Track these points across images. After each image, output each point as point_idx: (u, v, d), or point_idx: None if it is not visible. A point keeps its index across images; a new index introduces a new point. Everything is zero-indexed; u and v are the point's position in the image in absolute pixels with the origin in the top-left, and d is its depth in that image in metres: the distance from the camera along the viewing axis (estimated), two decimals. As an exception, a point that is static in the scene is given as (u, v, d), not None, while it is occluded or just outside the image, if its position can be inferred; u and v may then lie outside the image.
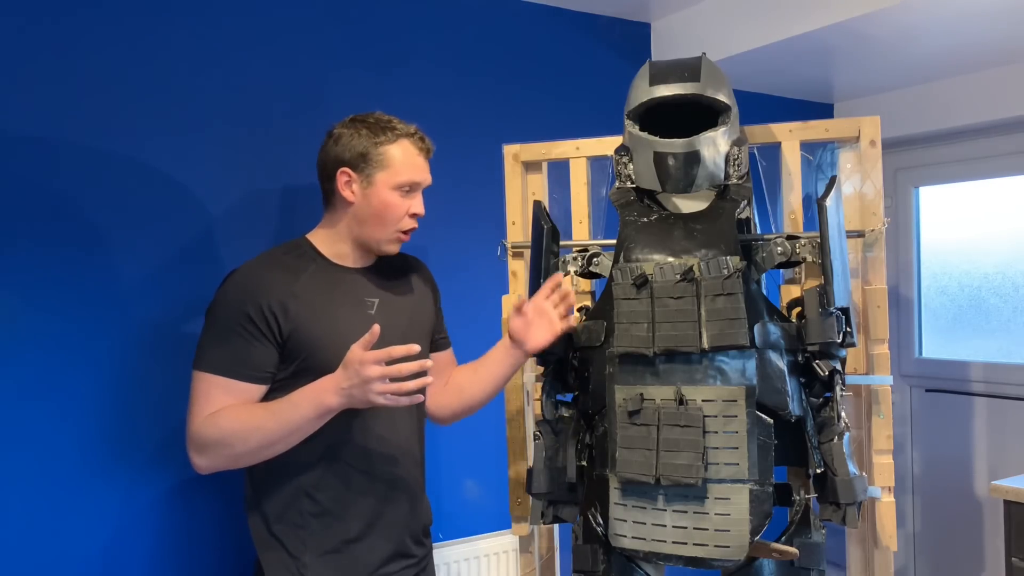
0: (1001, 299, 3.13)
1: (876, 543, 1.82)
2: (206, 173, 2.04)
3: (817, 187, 1.91)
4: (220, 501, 2.03)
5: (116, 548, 1.91)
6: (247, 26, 2.11)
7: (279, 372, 1.55)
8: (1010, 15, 2.31)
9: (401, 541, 1.65)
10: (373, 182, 1.60)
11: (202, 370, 1.52)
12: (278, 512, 1.58)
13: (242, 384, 1.52)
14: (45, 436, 1.84)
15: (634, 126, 1.68)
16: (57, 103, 1.86)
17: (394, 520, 1.64)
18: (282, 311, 1.53)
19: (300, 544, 1.56)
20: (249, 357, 1.52)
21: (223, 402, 1.51)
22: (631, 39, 2.80)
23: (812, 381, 1.67)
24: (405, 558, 1.66)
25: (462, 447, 2.26)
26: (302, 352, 1.54)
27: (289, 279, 1.57)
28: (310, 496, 1.57)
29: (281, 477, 1.57)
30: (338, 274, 1.64)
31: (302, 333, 1.54)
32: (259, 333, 1.52)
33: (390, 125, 1.63)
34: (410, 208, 1.64)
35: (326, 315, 1.57)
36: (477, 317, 1.95)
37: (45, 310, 1.84)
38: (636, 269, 1.64)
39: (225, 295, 1.56)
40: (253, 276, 1.57)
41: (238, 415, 1.49)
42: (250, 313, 1.51)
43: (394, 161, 1.60)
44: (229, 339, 1.52)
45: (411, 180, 1.62)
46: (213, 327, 1.55)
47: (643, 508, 1.61)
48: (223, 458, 1.51)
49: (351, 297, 1.63)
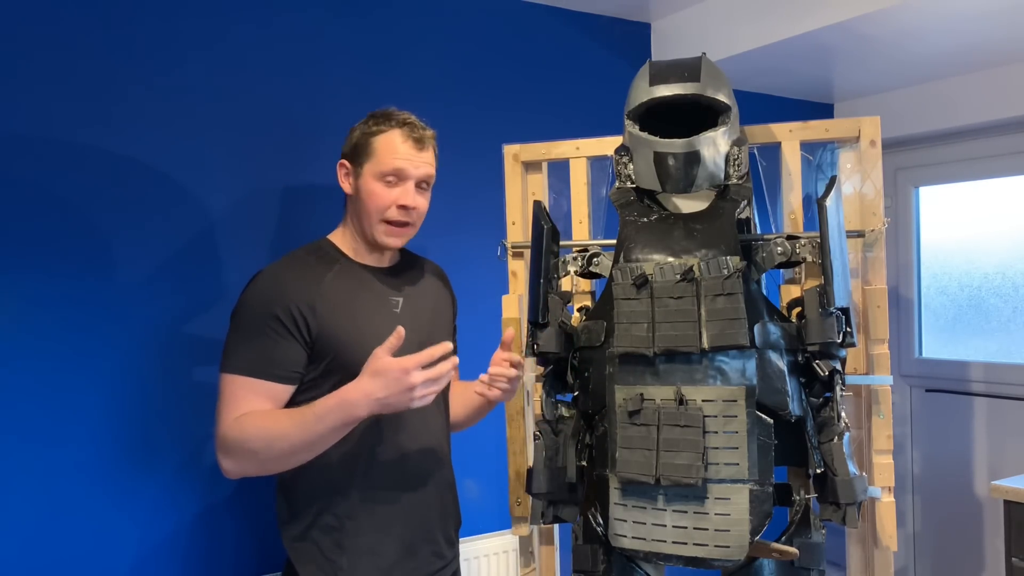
0: (1001, 299, 3.13)
1: (876, 543, 1.82)
2: (211, 174, 2.04)
3: (817, 187, 1.91)
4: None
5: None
6: (248, 27, 2.11)
7: (308, 372, 1.54)
8: (1010, 15, 2.31)
9: (435, 540, 1.64)
10: (362, 172, 1.60)
11: (229, 372, 1.51)
12: (312, 516, 1.56)
13: (269, 384, 1.50)
14: (56, 437, 1.84)
15: (634, 126, 1.68)
16: (59, 103, 1.87)
17: (428, 520, 1.63)
18: (310, 311, 1.52)
19: (335, 546, 1.55)
20: (276, 357, 1.51)
21: (251, 403, 1.49)
22: (631, 39, 2.81)
23: (812, 381, 1.67)
24: (438, 558, 1.65)
25: (462, 447, 2.25)
26: (330, 352, 1.53)
27: (315, 279, 1.56)
28: (344, 498, 1.55)
29: (313, 481, 1.56)
30: (362, 273, 1.64)
31: (330, 333, 1.53)
32: (287, 332, 1.51)
33: (387, 116, 1.62)
34: (397, 199, 1.59)
35: (353, 314, 1.57)
36: (477, 317, 1.95)
37: (54, 311, 1.85)
38: (636, 269, 1.63)
39: (251, 297, 1.55)
40: (279, 278, 1.56)
41: (263, 422, 1.46)
42: (278, 313, 1.50)
43: (378, 150, 1.59)
44: (256, 340, 1.51)
45: (393, 168, 1.59)
46: (239, 329, 1.54)
47: (643, 508, 1.61)
48: (250, 463, 1.49)
49: (376, 296, 1.62)
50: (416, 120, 1.63)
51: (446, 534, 1.68)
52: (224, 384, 1.51)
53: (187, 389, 1.97)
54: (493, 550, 2.44)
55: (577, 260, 1.83)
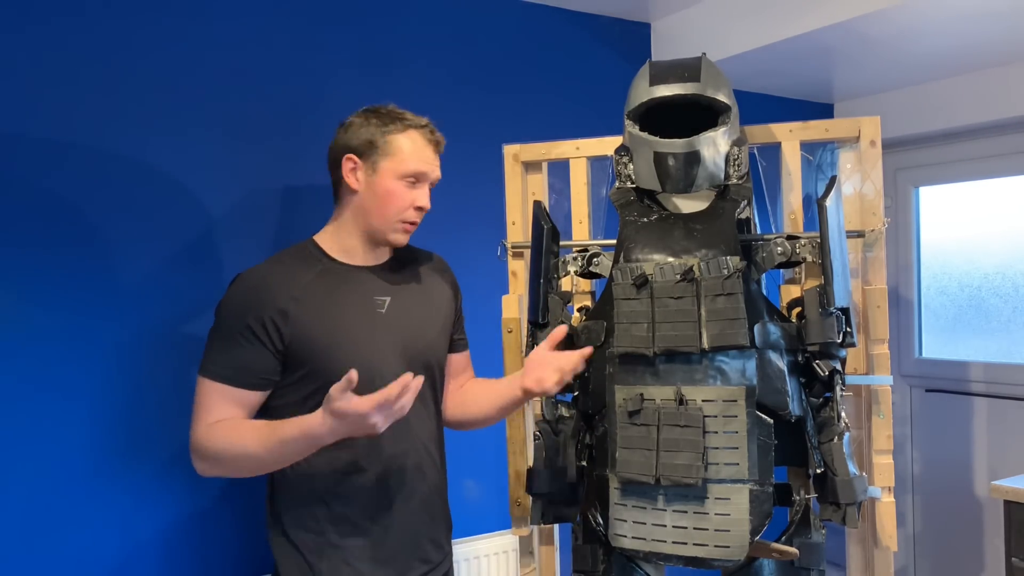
0: (1001, 299, 3.13)
1: (876, 543, 1.82)
2: (208, 173, 2.04)
3: (817, 187, 1.91)
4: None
5: (126, 554, 1.92)
6: (248, 27, 2.11)
7: (284, 378, 1.55)
8: (1010, 15, 2.31)
9: (420, 546, 1.63)
10: (378, 170, 1.59)
11: (204, 375, 1.53)
12: (295, 517, 1.57)
13: (240, 392, 1.52)
14: (50, 436, 1.84)
15: (634, 126, 1.68)
16: (58, 103, 1.86)
17: (413, 525, 1.62)
18: (282, 318, 1.52)
19: (317, 551, 1.55)
20: (248, 364, 1.52)
21: (222, 408, 1.51)
22: (631, 39, 2.80)
23: (812, 381, 1.67)
24: (424, 563, 1.64)
25: (462, 447, 2.25)
26: (305, 357, 1.53)
27: (291, 282, 1.56)
28: (327, 503, 1.56)
29: (300, 483, 1.56)
30: (346, 274, 1.62)
31: (304, 337, 1.53)
32: (257, 342, 1.51)
33: (401, 116, 1.62)
34: (415, 200, 1.61)
35: (330, 317, 1.56)
36: (477, 317, 1.95)
37: (49, 311, 1.85)
38: (636, 269, 1.64)
39: (229, 301, 1.56)
40: (255, 283, 1.56)
41: (230, 436, 1.48)
42: (249, 323, 1.51)
43: (401, 150, 1.59)
44: (229, 346, 1.52)
45: (417, 170, 1.59)
46: (216, 331, 1.55)
47: (643, 508, 1.61)
48: (220, 471, 1.53)
49: (359, 297, 1.61)
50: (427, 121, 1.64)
51: (434, 539, 1.66)
52: (199, 386, 1.54)
53: (178, 388, 1.95)
54: (493, 550, 2.44)
55: (577, 260, 1.83)
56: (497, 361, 2.04)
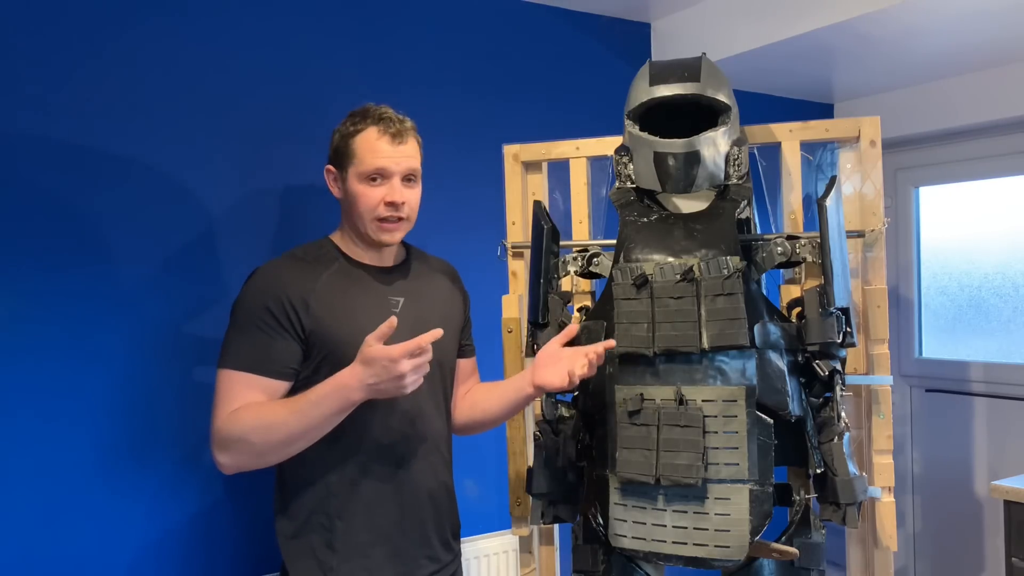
0: (1001, 299, 3.13)
1: (876, 543, 1.82)
2: (212, 172, 2.04)
3: (817, 187, 1.91)
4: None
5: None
6: (249, 28, 2.11)
7: (302, 369, 1.54)
8: (1010, 15, 2.31)
9: (429, 544, 1.63)
10: (347, 176, 1.60)
11: (225, 367, 1.51)
12: (305, 514, 1.56)
13: (265, 380, 1.50)
14: (55, 438, 1.84)
15: (634, 126, 1.68)
16: (60, 103, 1.87)
17: (422, 523, 1.62)
18: (303, 306, 1.52)
19: (326, 547, 1.55)
20: (272, 352, 1.51)
21: (247, 398, 1.49)
22: (631, 39, 2.80)
23: (812, 381, 1.67)
24: (432, 562, 1.64)
25: (462, 447, 2.25)
26: (324, 350, 1.53)
27: (310, 277, 1.57)
28: (336, 498, 1.55)
29: (308, 479, 1.56)
30: (360, 273, 1.63)
31: (323, 330, 1.53)
32: (280, 328, 1.51)
33: (364, 114, 1.60)
34: (384, 196, 1.58)
35: (347, 313, 1.56)
36: (477, 317, 1.95)
37: (53, 314, 1.85)
38: (636, 269, 1.64)
39: (247, 293, 1.56)
40: (275, 274, 1.57)
41: (259, 411, 1.47)
42: (271, 307, 1.51)
43: (356, 152, 1.58)
44: (251, 335, 1.51)
45: (374, 168, 1.57)
46: (235, 325, 1.54)
47: (643, 508, 1.61)
48: (246, 455, 1.49)
49: (373, 296, 1.61)
50: (393, 114, 1.61)
51: (442, 538, 1.66)
52: (220, 380, 1.52)
53: (186, 387, 1.97)
54: (493, 550, 2.44)
55: (577, 260, 1.83)
56: (497, 361, 2.04)
